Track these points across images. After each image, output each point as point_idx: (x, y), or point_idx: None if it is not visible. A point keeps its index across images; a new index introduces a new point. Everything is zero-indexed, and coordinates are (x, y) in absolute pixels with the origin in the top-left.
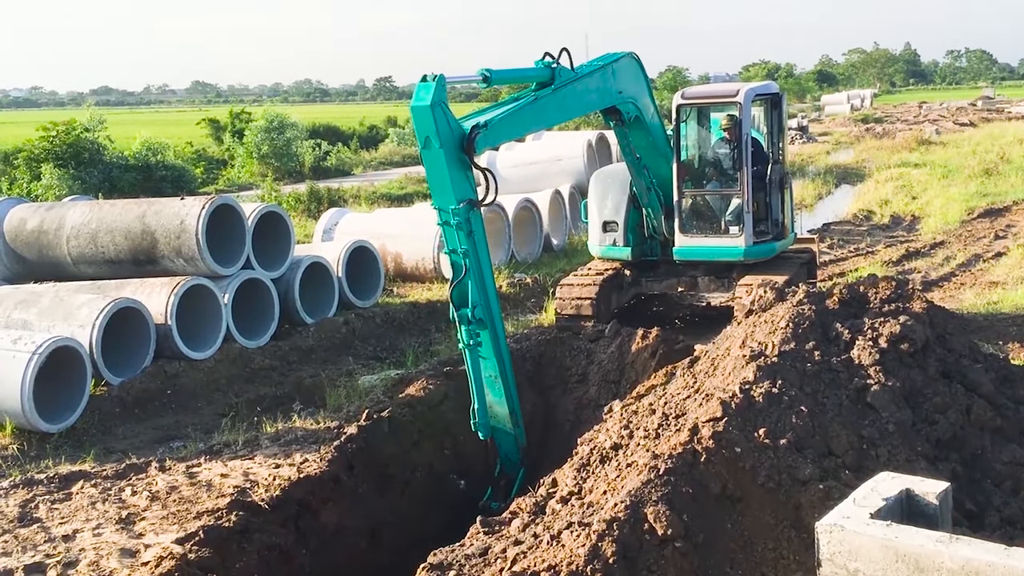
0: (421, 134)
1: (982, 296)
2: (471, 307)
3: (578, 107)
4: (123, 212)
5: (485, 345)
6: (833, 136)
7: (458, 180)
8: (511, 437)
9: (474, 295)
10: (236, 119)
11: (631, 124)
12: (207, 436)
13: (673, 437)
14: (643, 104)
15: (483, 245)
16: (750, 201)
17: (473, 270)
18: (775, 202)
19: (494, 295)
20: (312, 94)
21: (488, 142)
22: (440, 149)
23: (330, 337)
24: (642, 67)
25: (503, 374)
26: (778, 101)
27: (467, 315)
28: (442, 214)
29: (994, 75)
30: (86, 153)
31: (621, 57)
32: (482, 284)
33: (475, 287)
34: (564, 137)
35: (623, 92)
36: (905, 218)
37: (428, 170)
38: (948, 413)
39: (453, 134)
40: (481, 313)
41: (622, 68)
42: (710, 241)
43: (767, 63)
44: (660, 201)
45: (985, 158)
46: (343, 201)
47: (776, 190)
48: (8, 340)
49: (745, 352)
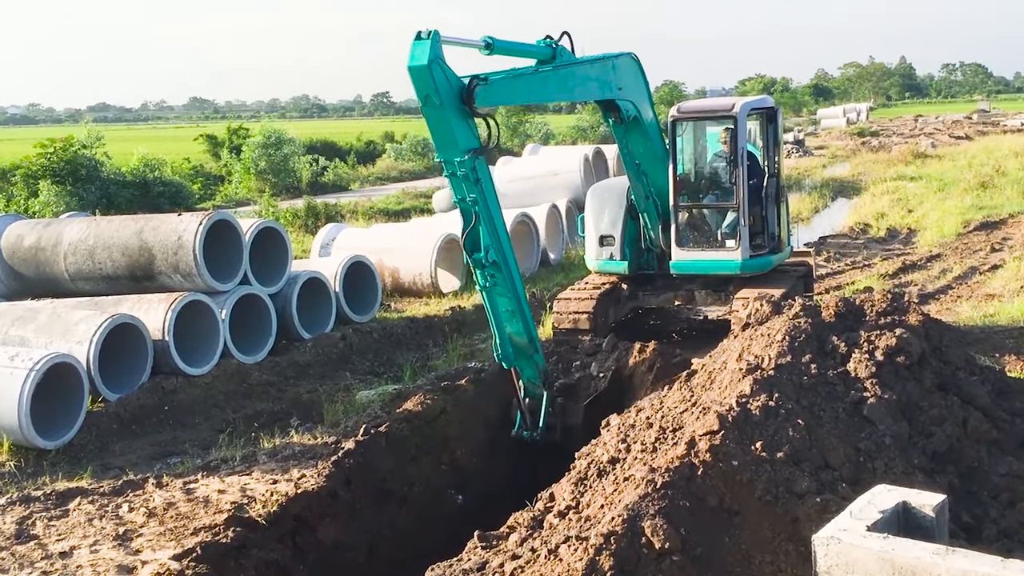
0: (421, 93)
1: (978, 308)
2: (484, 251)
3: (579, 90)
4: (120, 228)
5: (500, 285)
6: (829, 150)
7: (461, 131)
8: (531, 363)
9: (486, 239)
10: (233, 135)
11: (630, 124)
12: (204, 452)
13: (670, 451)
14: (642, 106)
15: (491, 190)
16: (746, 214)
17: (483, 216)
18: (771, 216)
19: (505, 237)
20: (309, 110)
21: (487, 99)
22: (441, 106)
23: (327, 352)
24: (642, 70)
25: (519, 308)
26: (773, 115)
27: (481, 259)
28: (448, 166)
29: (989, 88)
30: (83, 170)
31: (621, 55)
32: (493, 228)
33: (486, 232)
34: (561, 152)
35: (623, 89)
36: (901, 231)
37: (431, 126)
38: (945, 426)
39: (453, 88)
40: (495, 255)
41: (622, 65)
42: (706, 255)
43: (763, 77)
44: (657, 210)
45: (981, 171)
46: (340, 216)
47: (772, 204)
48: (5, 357)
49: (742, 365)
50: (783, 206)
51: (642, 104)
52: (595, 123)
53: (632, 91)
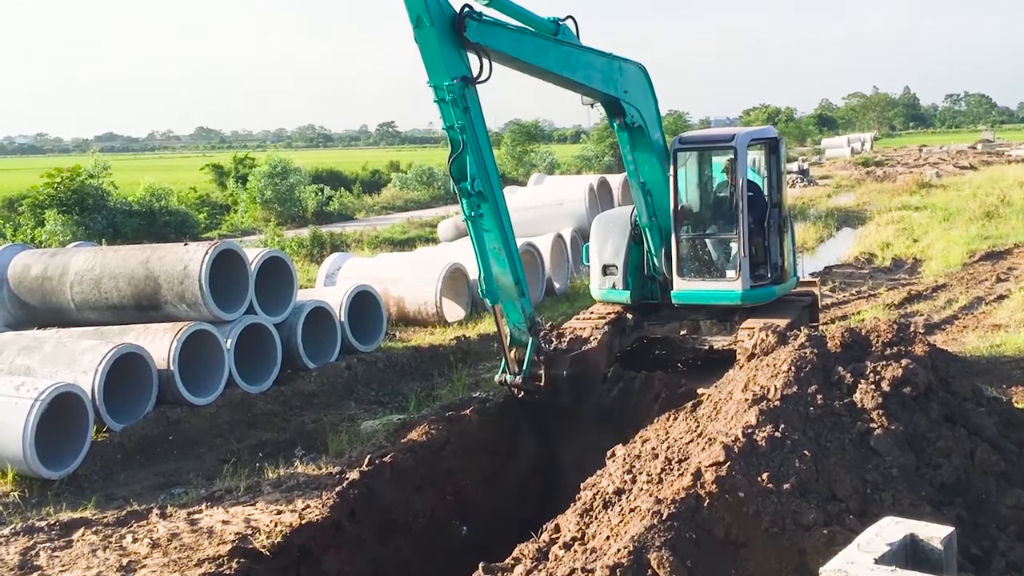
0: (412, 13)
1: (984, 339)
2: (470, 180)
3: (579, 73)
4: (127, 258)
5: (487, 217)
6: (834, 179)
7: (450, 57)
8: (517, 307)
9: (472, 168)
10: (240, 164)
11: (635, 132)
12: (209, 482)
13: (676, 482)
14: (649, 120)
15: (480, 121)
16: (747, 244)
17: (471, 144)
18: (774, 246)
19: (494, 170)
20: (315, 139)
21: (480, 36)
22: (432, 28)
23: (332, 382)
24: (650, 83)
25: (506, 246)
26: (776, 145)
27: (467, 188)
28: (437, 91)
29: (993, 119)
30: (90, 199)
31: (629, 61)
32: (480, 159)
33: (473, 161)
34: (566, 181)
35: (629, 93)
36: (907, 261)
37: (422, 50)
38: (952, 457)
39: (444, 12)
40: (481, 186)
41: (630, 72)
42: (708, 285)
43: (767, 107)
44: (660, 232)
45: (986, 201)
46: (346, 246)
47: (775, 234)
48: (11, 387)
49: (747, 396)
50: (786, 236)
51: (649, 117)
52: (600, 152)
53: (639, 100)
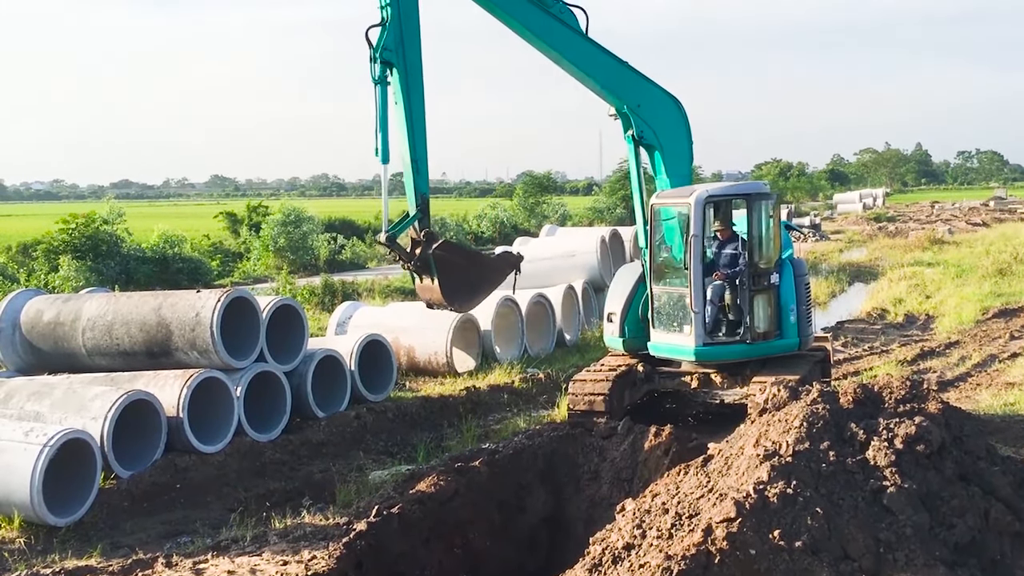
0: None
1: (998, 397)
2: (382, 49)
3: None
4: (139, 304)
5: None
6: (846, 234)
7: None
8: (411, 184)
9: (388, 41)
10: (253, 212)
11: (644, 149)
12: (215, 531)
13: (687, 537)
14: (668, 146)
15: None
16: (697, 301)
17: (393, 19)
18: (750, 304)
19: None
20: (329, 188)
21: None
22: None
23: (341, 431)
24: (682, 116)
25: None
26: (756, 201)
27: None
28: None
29: (1006, 176)
30: (104, 245)
31: (658, 87)
32: (400, 36)
33: (392, 35)
34: (578, 233)
35: (643, 108)
36: (919, 317)
37: None
38: (966, 517)
39: None
40: (390, 57)
41: (654, 95)
42: (671, 339)
43: (779, 161)
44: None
45: (999, 258)
46: (357, 294)
47: (746, 292)
48: (20, 432)
49: (759, 451)
50: (772, 295)
51: (670, 147)
52: (612, 204)
53: (660, 125)
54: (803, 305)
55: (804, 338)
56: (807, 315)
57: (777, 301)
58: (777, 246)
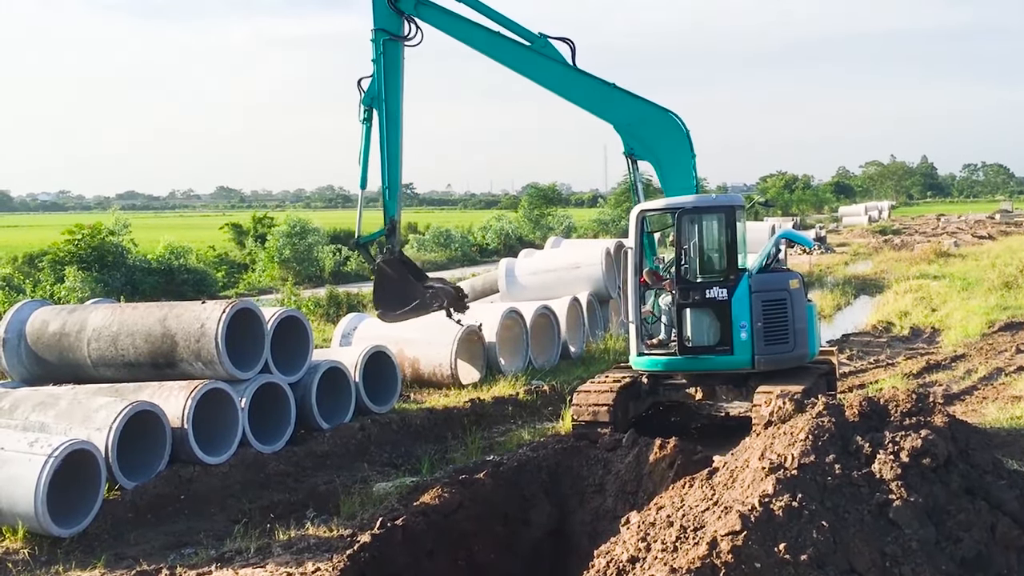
0: None
1: (1005, 411)
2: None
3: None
4: (144, 315)
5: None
6: (851, 247)
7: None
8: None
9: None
10: (259, 224)
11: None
12: (219, 543)
13: (691, 550)
14: (666, 160)
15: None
16: (630, 312)
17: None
18: (677, 319)
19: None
20: (334, 200)
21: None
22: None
23: (345, 443)
24: (680, 131)
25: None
26: (686, 215)
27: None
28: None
29: (1012, 189)
30: (110, 256)
31: (654, 106)
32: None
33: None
34: (583, 245)
35: (633, 127)
36: (925, 330)
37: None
38: (973, 531)
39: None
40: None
41: (649, 114)
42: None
43: (784, 174)
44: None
45: (1005, 271)
46: (362, 306)
47: (675, 304)
48: (25, 443)
49: (764, 464)
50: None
51: (667, 161)
52: (617, 216)
53: (654, 141)
54: (798, 323)
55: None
56: (803, 330)
57: (725, 316)
58: (731, 260)
